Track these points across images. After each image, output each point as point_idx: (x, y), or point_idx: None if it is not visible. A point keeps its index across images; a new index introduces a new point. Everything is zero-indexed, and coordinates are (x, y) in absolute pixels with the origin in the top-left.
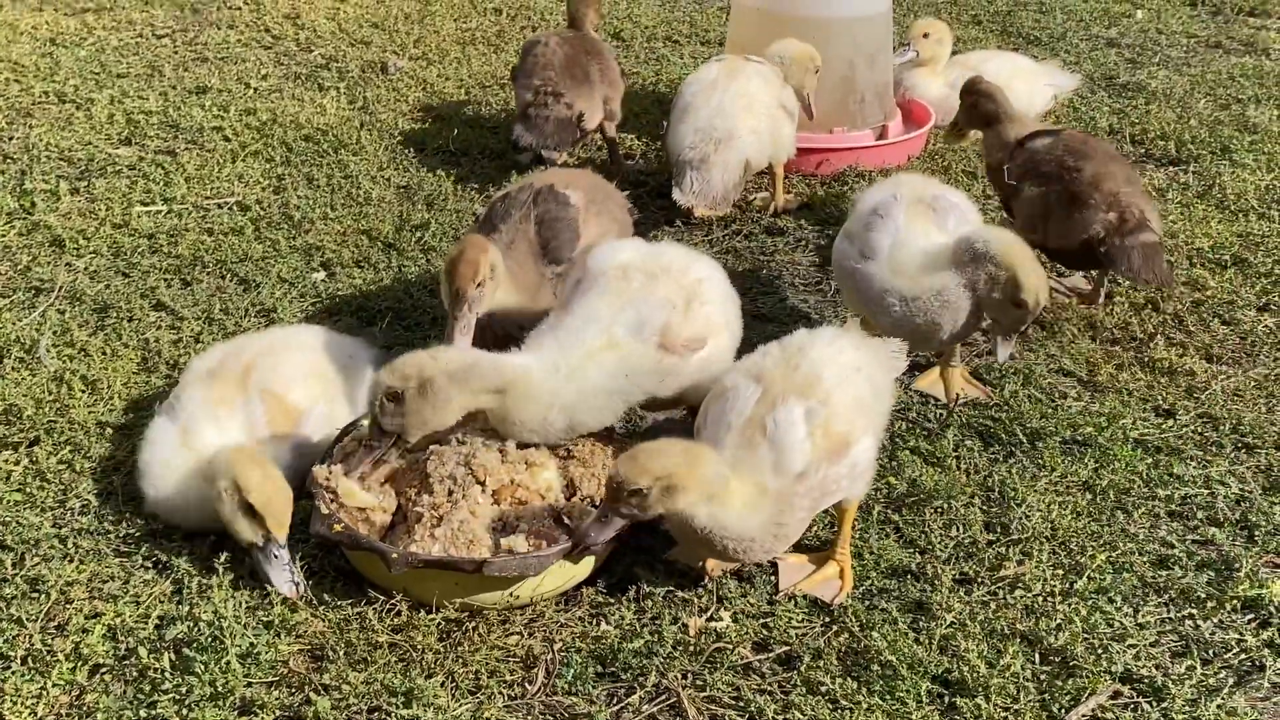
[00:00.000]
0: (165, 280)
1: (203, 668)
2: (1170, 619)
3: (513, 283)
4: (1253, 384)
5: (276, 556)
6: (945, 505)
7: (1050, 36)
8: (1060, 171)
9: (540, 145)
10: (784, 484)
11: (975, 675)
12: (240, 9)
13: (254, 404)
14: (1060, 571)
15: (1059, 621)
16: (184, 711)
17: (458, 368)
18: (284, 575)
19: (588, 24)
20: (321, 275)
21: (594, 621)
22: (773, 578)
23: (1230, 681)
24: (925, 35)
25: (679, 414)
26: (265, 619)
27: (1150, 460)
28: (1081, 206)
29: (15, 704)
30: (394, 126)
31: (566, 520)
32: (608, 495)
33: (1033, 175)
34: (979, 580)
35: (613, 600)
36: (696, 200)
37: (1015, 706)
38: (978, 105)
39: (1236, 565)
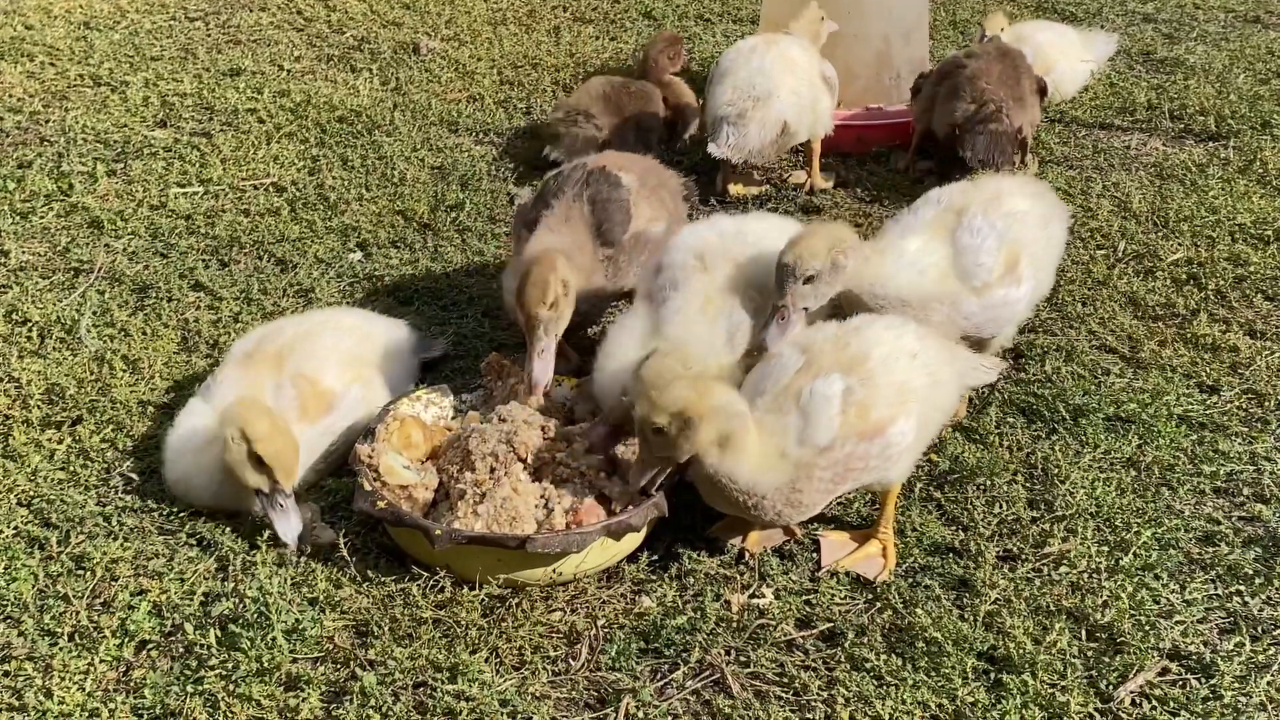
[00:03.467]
0: (203, 261)
1: (248, 644)
2: (1218, 595)
3: (575, 264)
4: None
5: (281, 505)
6: (988, 482)
7: (1086, 12)
8: (956, 66)
9: (564, 157)
10: (806, 454)
11: (1021, 652)
12: None
13: (285, 387)
14: (1105, 548)
15: (1105, 598)
16: (230, 687)
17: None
18: (287, 524)
19: (654, 73)
20: (358, 255)
21: (637, 598)
22: (815, 555)
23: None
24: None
25: None
26: (310, 595)
27: (1195, 436)
28: (953, 99)
29: (64, 679)
30: (427, 107)
31: (609, 497)
32: (640, 440)
33: (935, 73)
34: (1023, 557)
35: (655, 577)
36: (732, 153)
37: (1063, 683)
38: None
39: None
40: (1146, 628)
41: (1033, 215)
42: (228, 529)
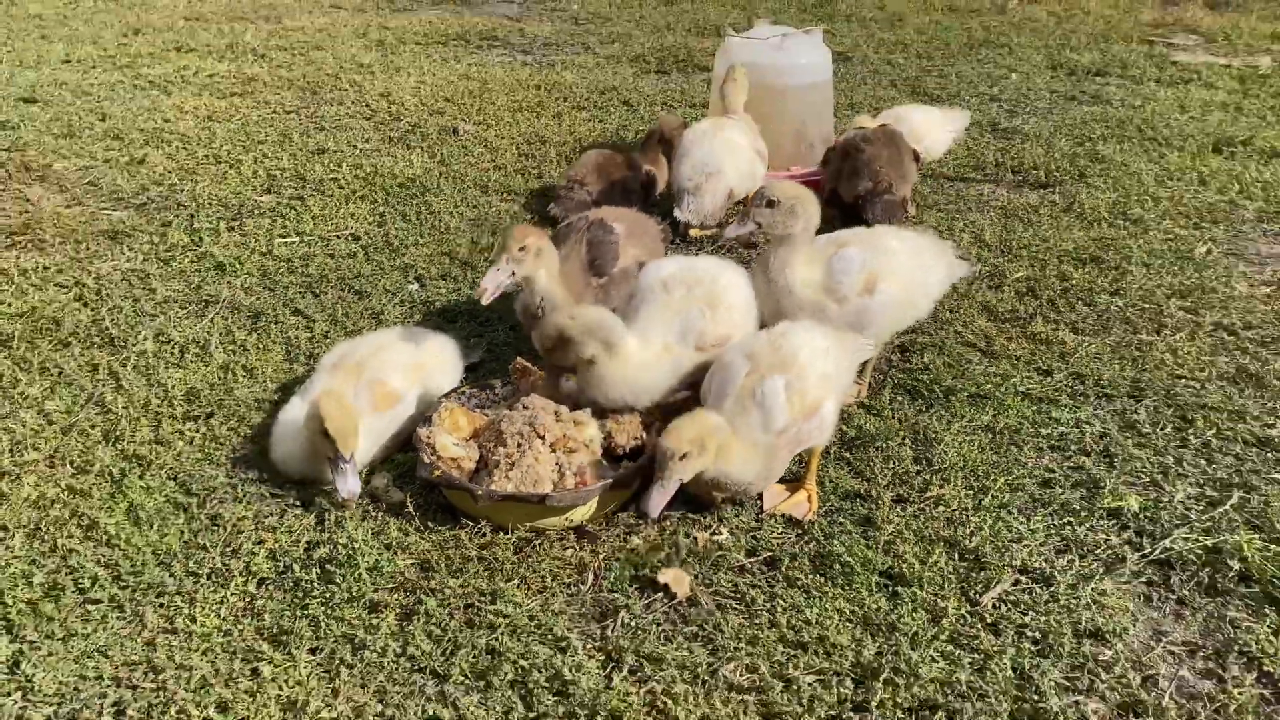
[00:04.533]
0: (300, 293)
1: (341, 579)
2: (1054, 525)
3: (567, 287)
4: (1108, 349)
5: (340, 468)
6: (884, 445)
7: (948, 94)
8: (854, 149)
9: (563, 215)
10: (770, 439)
11: (911, 570)
12: (347, 90)
13: (362, 389)
14: (971, 492)
15: (972, 529)
16: (329, 611)
17: (591, 322)
18: (343, 482)
19: (650, 150)
20: (416, 287)
21: (628, 537)
22: (758, 502)
23: (1100, 570)
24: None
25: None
26: (385, 541)
27: (1035, 408)
28: (855, 176)
29: (204, 609)
30: (464, 174)
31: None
32: (659, 466)
33: (840, 149)
34: (910, 500)
35: (641, 522)
36: (692, 217)
37: (942, 593)
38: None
39: (1101, 484)
40: (1002, 550)
41: (904, 253)
42: (323, 495)
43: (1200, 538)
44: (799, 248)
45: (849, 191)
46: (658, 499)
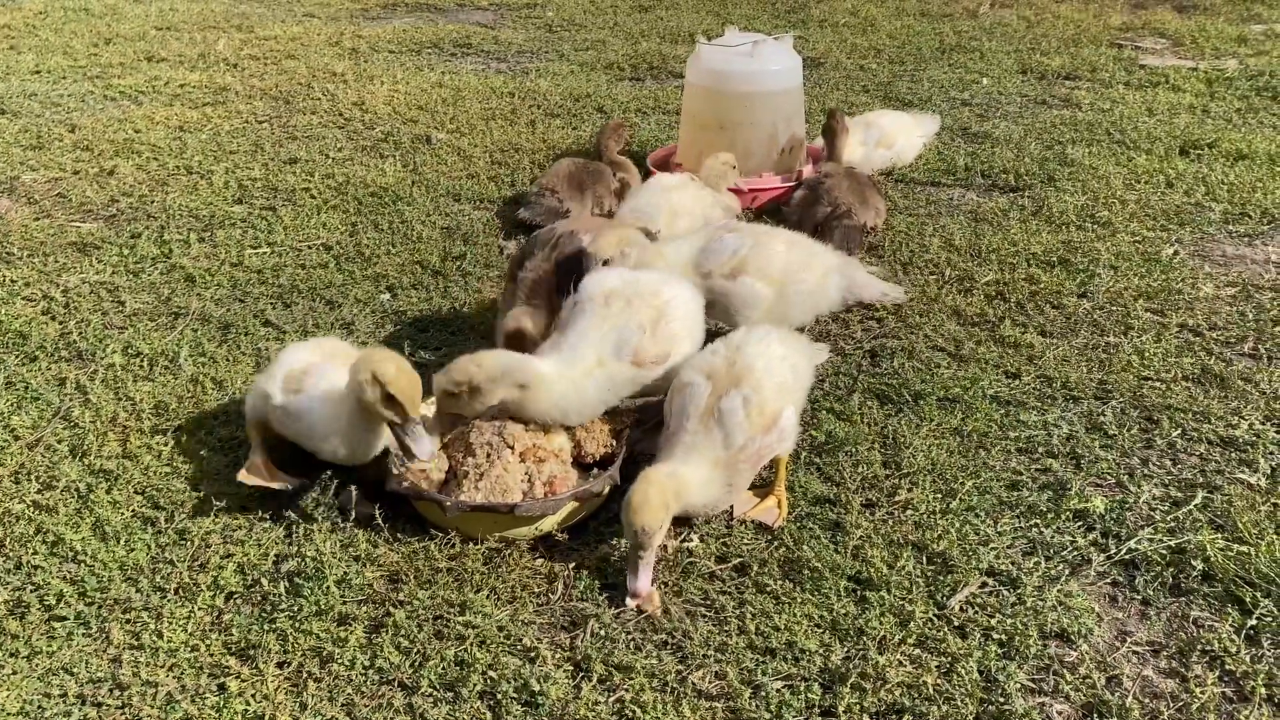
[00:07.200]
0: (271, 304)
1: (309, 592)
2: (1021, 528)
3: (541, 300)
4: (1075, 352)
5: (412, 432)
6: (853, 450)
7: (920, 99)
8: (817, 183)
9: (532, 220)
10: (730, 455)
11: (879, 574)
12: (320, 99)
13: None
14: (939, 495)
15: (939, 532)
16: (296, 624)
17: (498, 370)
18: (421, 444)
19: (605, 154)
20: (387, 296)
21: (597, 546)
22: (728, 508)
23: (1066, 572)
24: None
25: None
26: (354, 554)
27: (1002, 411)
28: (817, 203)
29: (171, 624)
30: (437, 183)
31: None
32: (638, 546)
33: (805, 185)
34: (879, 504)
35: (610, 529)
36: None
37: (910, 596)
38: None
39: (1068, 486)
40: (970, 553)
41: (785, 258)
42: (292, 506)
43: (1164, 538)
44: (659, 247)
45: (810, 220)
46: (645, 576)
